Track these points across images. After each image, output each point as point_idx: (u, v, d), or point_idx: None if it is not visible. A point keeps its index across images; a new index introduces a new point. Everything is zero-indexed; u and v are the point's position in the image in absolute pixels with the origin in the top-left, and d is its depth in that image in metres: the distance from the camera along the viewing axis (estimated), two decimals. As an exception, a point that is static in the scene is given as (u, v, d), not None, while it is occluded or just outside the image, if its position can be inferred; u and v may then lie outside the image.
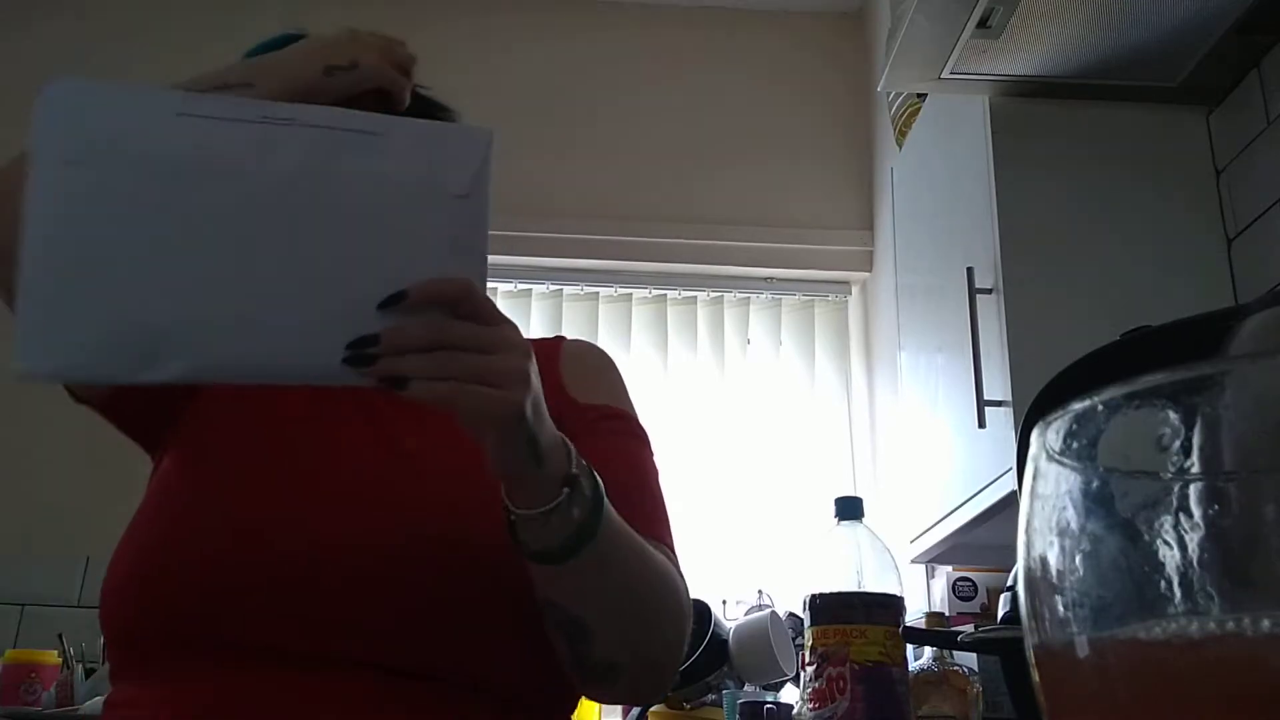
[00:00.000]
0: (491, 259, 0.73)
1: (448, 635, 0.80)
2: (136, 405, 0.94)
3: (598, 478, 0.78)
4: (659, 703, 1.97)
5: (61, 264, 0.68)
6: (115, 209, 0.68)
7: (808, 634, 1.08)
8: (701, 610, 2.05)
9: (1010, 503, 1.79)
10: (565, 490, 0.74)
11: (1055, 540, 0.26)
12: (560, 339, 1.06)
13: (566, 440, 0.77)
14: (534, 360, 0.72)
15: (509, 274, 2.99)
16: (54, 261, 0.67)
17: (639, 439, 0.99)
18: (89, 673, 2.00)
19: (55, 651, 2.15)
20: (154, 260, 0.69)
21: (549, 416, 0.75)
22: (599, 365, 1.04)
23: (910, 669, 1.33)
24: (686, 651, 0.91)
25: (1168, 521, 0.24)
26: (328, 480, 0.85)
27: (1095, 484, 0.25)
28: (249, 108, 0.72)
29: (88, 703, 1.85)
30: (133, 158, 0.69)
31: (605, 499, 0.78)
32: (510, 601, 0.82)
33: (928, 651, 1.63)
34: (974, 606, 2.27)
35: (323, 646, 0.77)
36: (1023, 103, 1.94)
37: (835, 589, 1.07)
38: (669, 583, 0.88)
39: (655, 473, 0.98)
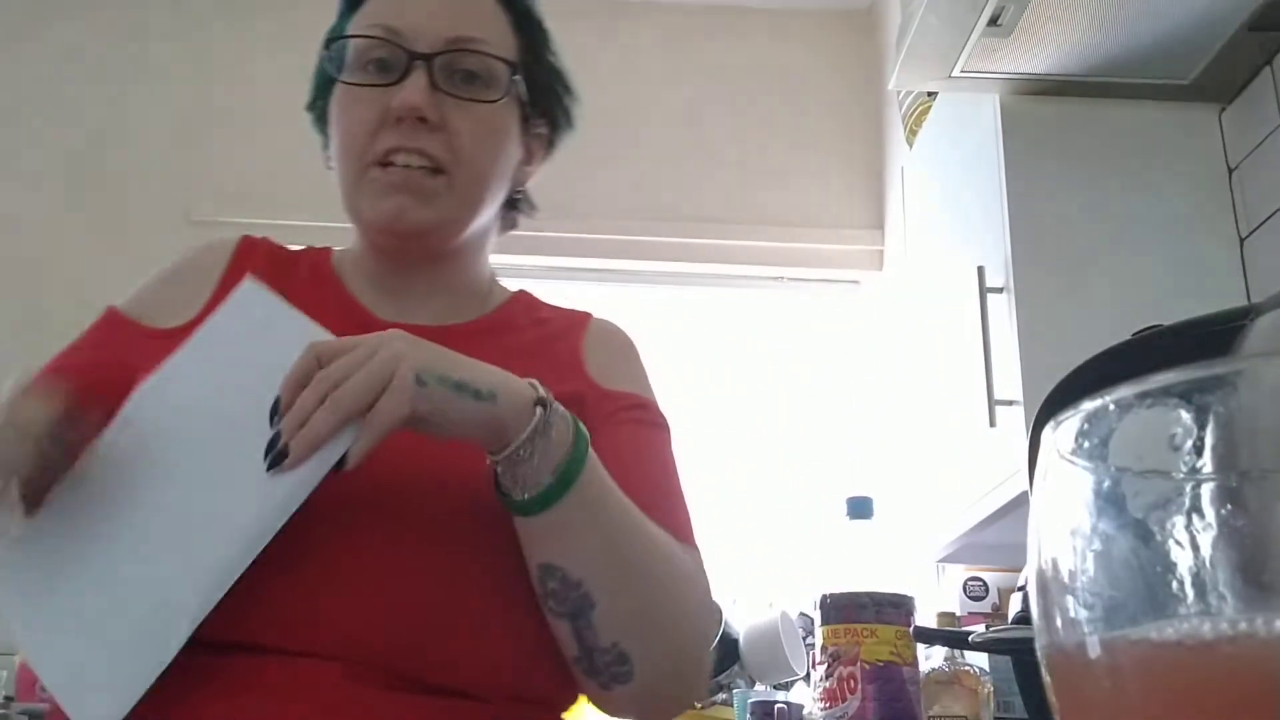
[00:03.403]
0: (504, 259, 0.75)
1: (436, 636, 0.77)
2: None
3: (575, 419, 0.77)
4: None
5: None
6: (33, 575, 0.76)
7: (818, 633, 1.08)
8: (712, 610, 2.05)
9: (1022, 502, 1.79)
10: (539, 409, 0.74)
11: (1067, 540, 0.26)
12: (588, 315, 1.04)
13: (531, 380, 0.77)
14: (402, 334, 0.74)
15: (519, 274, 2.99)
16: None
17: (659, 427, 0.97)
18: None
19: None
20: (99, 558, 0.74)
21: (474, 360, 0.76)
22: (623, 349, 1.03)
23: (921, 669, 1.33)
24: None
25: (1180, 521, 0.24)
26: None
27: (1107, 483, 0.25)
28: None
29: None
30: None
31: (586, 434, 0.77)
32: (505, 600, 0.80)
33: (939, 651, 1.63)
34: (985, 606, 2.26)
35: (308, 645, 0.74)
36: (1034, 101, 1.93)
37: (846, 588, 1.07)
38: (684, 567, 0.84)
39: (674, 464, 0.95)
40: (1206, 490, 0.24)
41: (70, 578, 0.74)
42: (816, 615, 1.08)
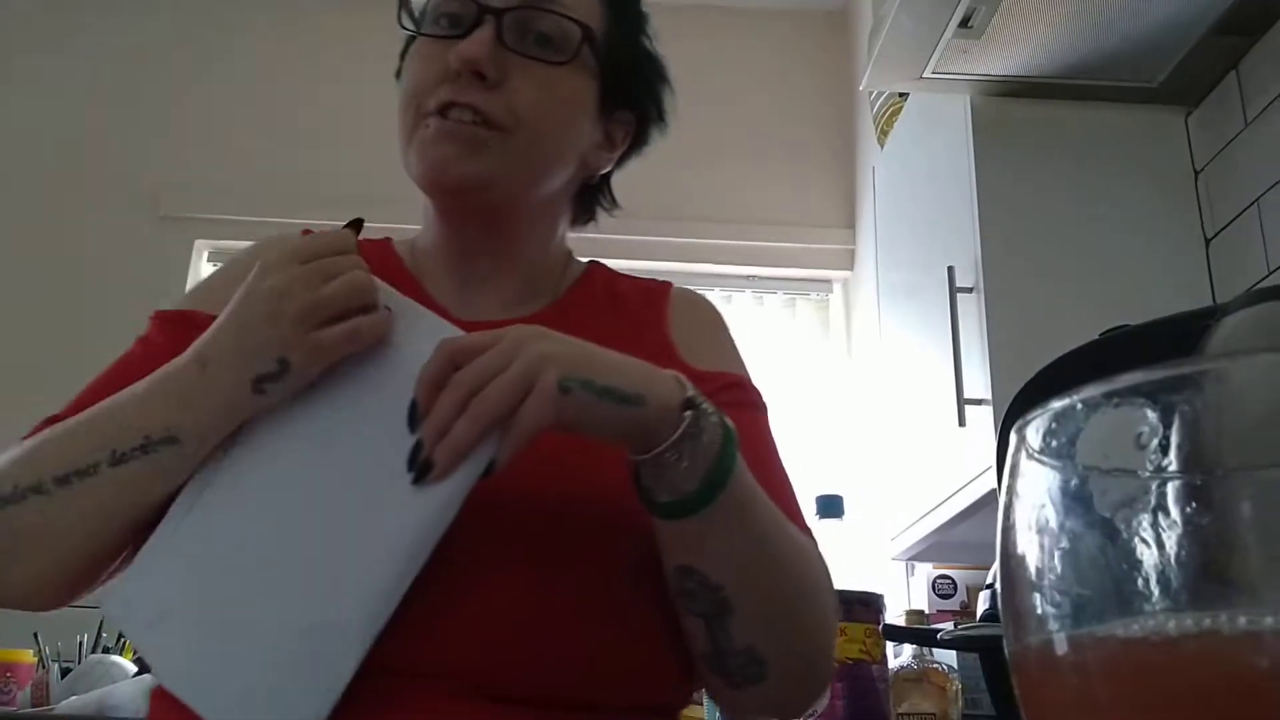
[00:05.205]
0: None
1: (548, 651, 0.73)
2: None
3: (725, 416, 0.72)
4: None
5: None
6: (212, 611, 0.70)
7: (788, 632, 1.08)
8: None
9: (990, 501, 1.80)
10: (688, 413, 0.69)
11: (1034, 538, 0.26)
12: (668, 286, 0.99)
13: (676, 373, 0.72)
14: (542, 332, 0.70)
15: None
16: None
17: (757, 408, 0.92)
18: (64, 672, 1.97)
19: (31, 651, 2.13)
20: (247, 574, 0.70)
21: (618, 356, 0.71)
22: (712, 323, 0.97)
23: (890, 666, 1.33)
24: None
25: (1146, 519, 0.24)
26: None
27: (1074, 482, 0.26)
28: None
29: (63, 703, 1.84)
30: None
31: (735, 436, 0.72)
32: (628, 609, 0.76)
33: (908, 649, 1.64)
34: (954, 604, 2.27)
35: (426, 665, 0.71)
36: (1004, 102, 1.94)
37: (816, 587, 1.07)
38: (815, 562, 0.80)
39: (775, 445, 0.91)
40: (1172, 489, 0.24)
41: (216, 595, 0.69)
42: (787, 613, 1.08)
